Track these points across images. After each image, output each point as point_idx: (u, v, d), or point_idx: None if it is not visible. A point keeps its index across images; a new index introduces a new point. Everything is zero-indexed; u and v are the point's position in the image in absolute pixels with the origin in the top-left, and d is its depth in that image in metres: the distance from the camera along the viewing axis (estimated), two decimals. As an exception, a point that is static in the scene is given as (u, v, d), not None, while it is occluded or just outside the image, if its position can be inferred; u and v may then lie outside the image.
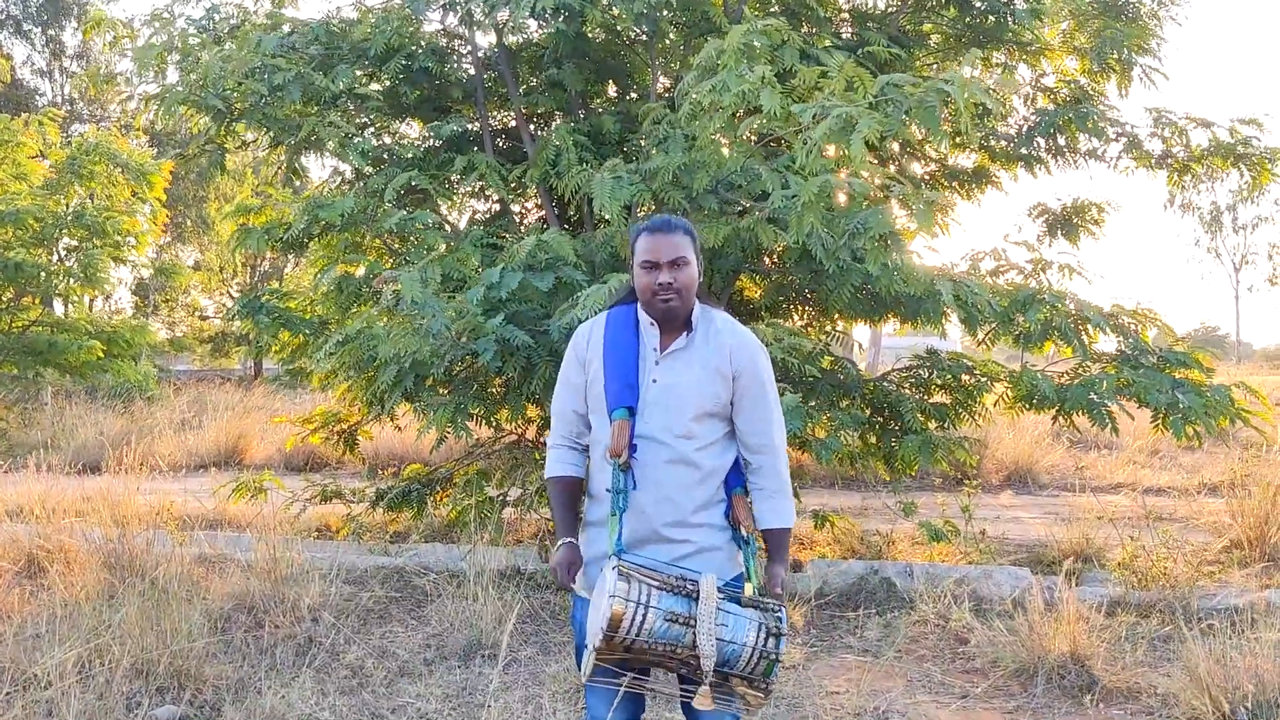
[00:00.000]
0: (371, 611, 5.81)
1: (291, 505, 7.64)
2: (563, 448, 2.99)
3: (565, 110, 7.31)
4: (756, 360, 2.90)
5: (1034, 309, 5.86)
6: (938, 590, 5.66)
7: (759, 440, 2.88)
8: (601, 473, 2.87)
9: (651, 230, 2.87)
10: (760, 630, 2.58)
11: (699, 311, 2.91)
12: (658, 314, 2.84)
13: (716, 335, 2.89)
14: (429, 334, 5.21)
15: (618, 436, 2.77)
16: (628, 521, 2.77)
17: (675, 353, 2.87)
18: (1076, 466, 12.13)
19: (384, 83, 7.27)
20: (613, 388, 2.83)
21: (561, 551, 2.81)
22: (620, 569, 2.57)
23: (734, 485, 2.89)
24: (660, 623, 2.52)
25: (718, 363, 2.85)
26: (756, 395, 2.88)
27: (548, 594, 6.12)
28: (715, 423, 2.86)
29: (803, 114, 4.72)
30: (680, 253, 2.83)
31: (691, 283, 2.85)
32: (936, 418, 6.55)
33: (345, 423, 7.91)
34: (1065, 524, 8.25)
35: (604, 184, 5.50)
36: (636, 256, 2.87)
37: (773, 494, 2.88)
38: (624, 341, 2.89)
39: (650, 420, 2.81)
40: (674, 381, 2.83)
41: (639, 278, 2.86)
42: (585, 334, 2.99)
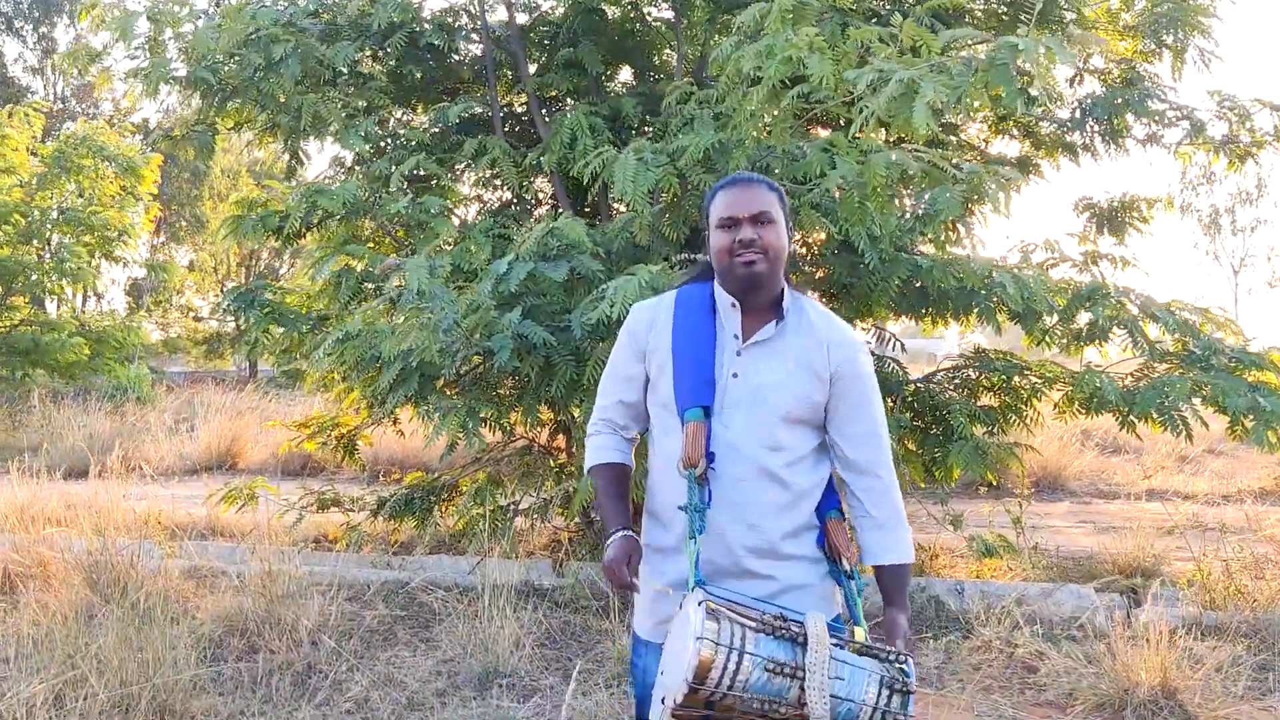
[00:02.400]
0: (375, 633, 5.32)
1: (287, 513, 7.15)
2: (606, 434, 2.52)
3: (580, 93, 6.82)
4: (859, 360, 2.40)
5: (1100, 304, 5.38)
6: (995, 611, 5.17)
7: (865, 457, 2.39)
8: (667, 487, 2.38)
9: (729, 185, 2.38)
10: (881, 685, 2.09)
11: (790, 297, 2.40)
12: (739, 284, 2.34)
13: (811, 326, 2.39)
14: (438, 329, 4.70)
15: (693, 442, 2.27)
16: (703, 549, 2.28)
17: (762, 343, 2.36)
18: (1102, 472, 11.69)
19: (387, 63, 6.78)
20: (685, 383, 2.33)
21: (617, 544, 2.30)
22: (708, 605, 2.08)
23: (827, 509, 2.40)
24: (758, 673, 2.02)
25: (813, 359, 2.36)
26: (860, 402, 2.39)
27: (567, 613, 5.62)
28: (807, 432, 2.37)
29: (858, 80, 4.21)
30: (764, 206, 2.33)
31: (781, 248, 2.35)
32: (984, 422, 6.06)
33: (344, 427, 7.41)
34: (1109, 534, 7.78)
35: (626, 166, 4.99)
36: (713, 218, 2.38)
37: (884, 523, 2.39)
38: (698, 327, 2.38)
39: (730, 424, 2.32)
40: (761, 378, 2.34)
41: (715, 240, 2.36)
42: (647, 317, 2.48)
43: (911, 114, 3.87)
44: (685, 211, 5.44)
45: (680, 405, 2.33)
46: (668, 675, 2.10)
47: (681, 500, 2.29)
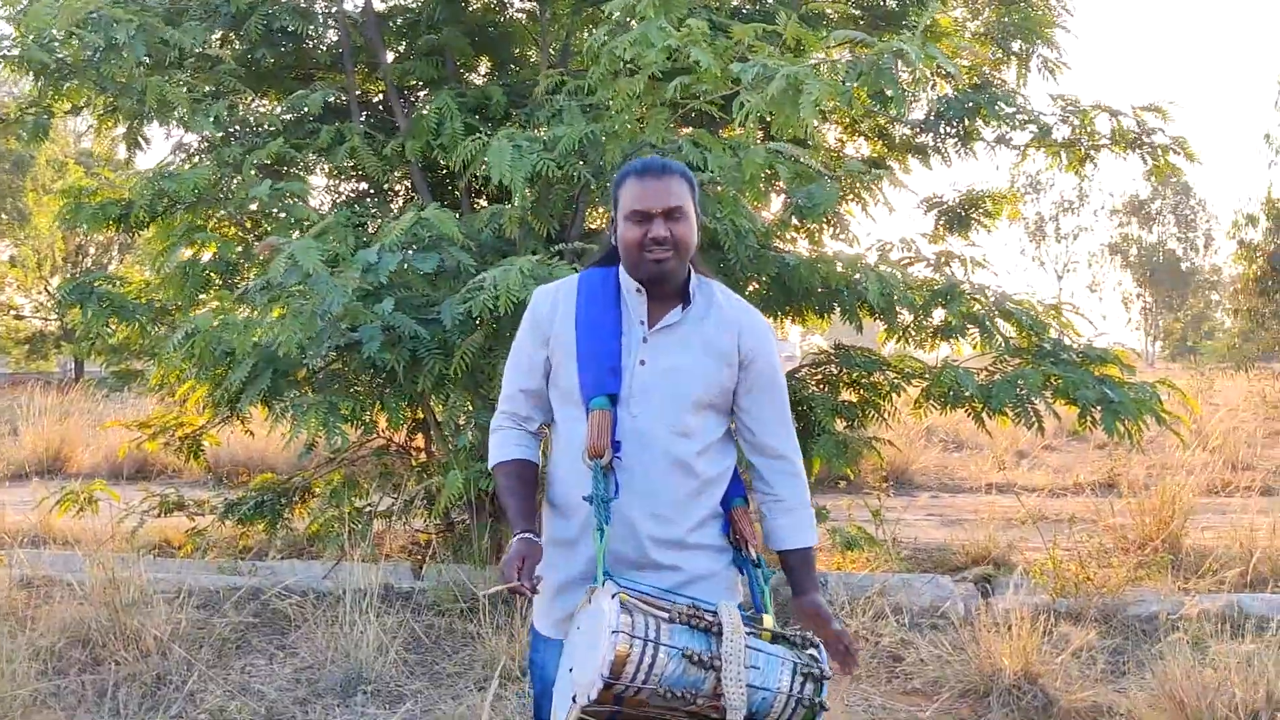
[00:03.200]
0: (228, 641, 5.06)
1: (127, 518, 6.76)
2: (510, 429, 2.42)
3: (441, 82, 6.65)
4: (769, 344, 2.38)
5: (957, 301, 5.52)
6: (859, 601, 5.25)
7: (774, 441, 2.38)
8: (568, 478, 2.31)
9: (642, 173, 2.30)
10: (795, 672, 2.07)
11: (696, 280, 2.35)
12: (647, 276, 2.28)
13: (719, 310, 2.36)
14: (316, 316, 4.48)
15: (598, 431, 2.20)
16: (610, 539, 2.20)
17: (668, 328, 2.31)
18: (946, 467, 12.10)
19: (237, 46, 6.49)
20: (589, 370, 2.27)
21: (514, 545, 2.20)
22: (621, 598, 2.01)
23: (733, 496, 2.37)
24: (674, 665, 1.96)
25: (721, 343, 2.32)
26: (768, 387, 2.37)
27: (431, 615, 5.47)
28: (715, 418, 2.34)
29: (743, 74, 4.21)
30: (678, 201, 2.27)
31: (691, 241, 2.30)
32: (845, 417, 6.16)
33: (188, 427, 7.05)
34: (958, 526, 8.03)
35: (502, 151, 4.86)
36: (621, 206, 2.30)
37: (792, 507, 2.38)
38: (602, 312, 2.32)
39: (638, 413, 2.26)
40: (668, 364, 2.29)
41: (624, 232, 2.28)
42: (549, 300, 2.40)
43: (797, 111, 3.90)
44: (554, 204, 5.36)
45: (585, 394, 2.26)
46: (579, 671, 2.03)
47: (585, 491, 2.21)
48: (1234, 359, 26.20)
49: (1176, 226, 60.49)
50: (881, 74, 4.00)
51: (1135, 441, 5.48)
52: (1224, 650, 4.12)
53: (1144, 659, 4.70)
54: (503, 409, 2.44)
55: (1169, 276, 59.79)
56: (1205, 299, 59.50)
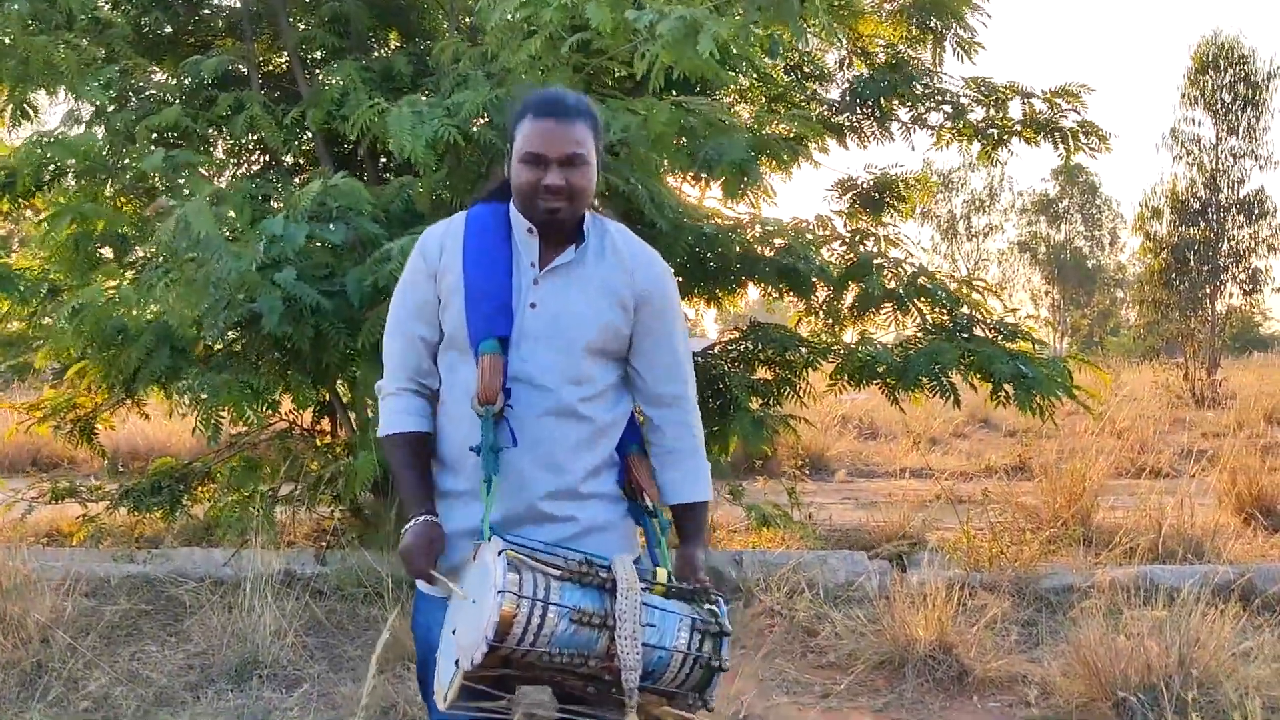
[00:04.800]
0: (118, 628, 4.82)
1: (14, 505, 6.44)
2: (405, 394, 2.22)
3: (344, 51, 6.43)
4: (665, 285, 2.24)
5: (875, 274, 5.48)
6: (773, 578, 5.18)
7: (668, 389, 2.23)
8: (457, 428, 2.15)
9: (542, 112, 2.13)
10: (693, 630, 1.95)
11: (590, 219, 2.21)
12: (540, 221, 2.14)
13: (614, 250, 2.21)
14: (209, 284, 4.25)
15: (489, 376, 2.06)
16: (498, 495, 2.06)
17: (560, 269, 2.16)
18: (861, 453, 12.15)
19: (129, 10, 6.20)
20: (478, 312, 2.11)
21: (418, 529, 2.06)
22: (508, 555, 1.87)
23: (628, 444, 2.24)
24: (564, 625, 1.83)
25: (616, 285, 2.17)
26: (664, 331, 2.22)
27: (333, 600, 5.28)
28: (609, 364, 2.20)
29: (638, 21, 4.07)
30: (578, 148, 2.11)
31: (588, 189, 2.15)
32: (761, 394, 6.09)
33: (81, 409, 6.73)
34: (873, 508, 8.03)
35: (402, 119, 4.65)
36: (517, 145, 2.14)
37: (685, 457, 2.25)
38: (492, 251, 2.16)
39: (529, 358, 2.11)
40: (560, 308, 2.14)
41: (519, 173, 2.12)
42: (437, 237, 2.23)
43: (697, 53, 3.78)
44: (469, 172, 5.19)
45: (473, 337, 2.11)
46: (462, 634, 1.89)
47: (474, 441, 2.07)
48: (1139, 351, 26.87)
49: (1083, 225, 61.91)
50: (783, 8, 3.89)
51: (1048, 416, 5.49)
52: (1136, 617, 4.12)
53: (1057, 628, 4.71)
54: (394, 366, 2.24)
55: (1076, 274, 61.15)
56: (1111, 296, 61.00)
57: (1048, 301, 64.62)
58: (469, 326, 2.11)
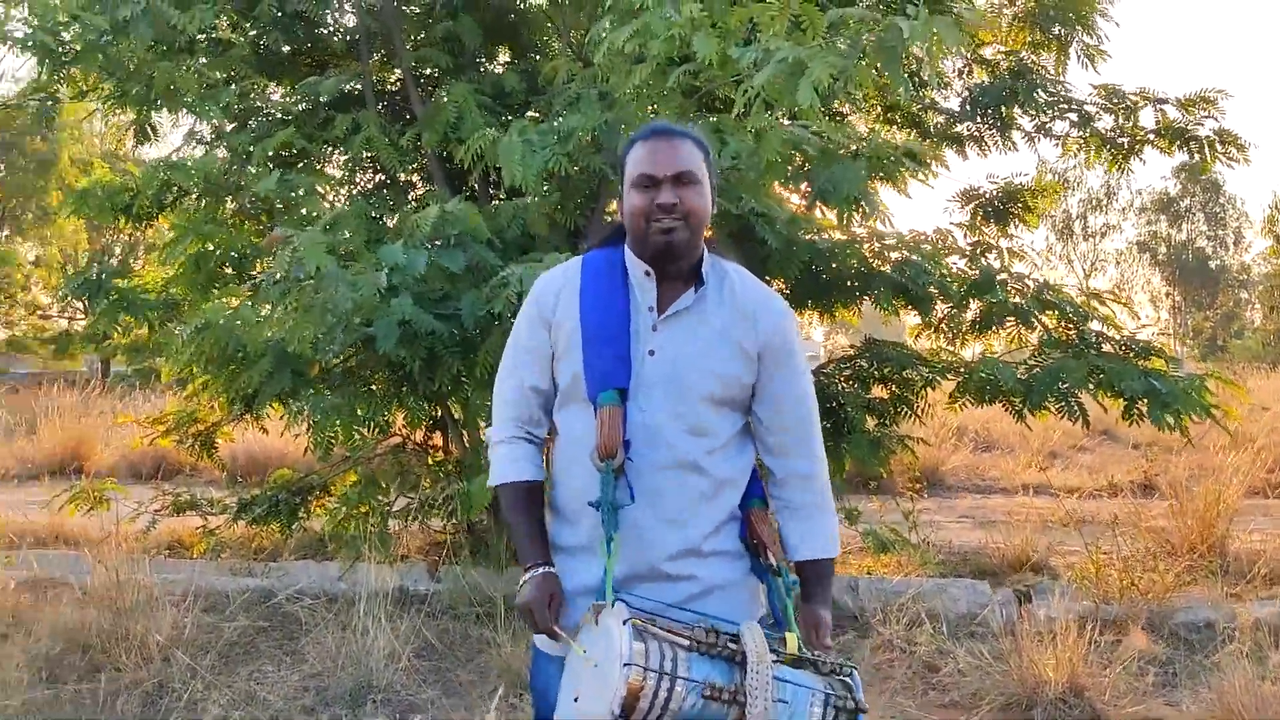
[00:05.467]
0: (236, 645, 4.88)
1: (138, 518, 6.60)
2: (516, 442, 2.16)
3: (458, 70, 6.45)
4: (788, 331, 2.13)
5: (996, 290, 5.28)
6: (892, 608, 5.01)
7: (793, 440, 2.13)
8: (574, 480, 2.08)
9: (649, 136, 2.08)
10: (826, 705, 1.83)
11: (710, 262, 2.12)
12: (655, 251, 2.05)
13: (733, 294, 2.11)
14: (326, 313, 4.27)
15: (608, 429, 1.97)
16: (617, 551, 1.97)
17: (680, 314, 2.07)
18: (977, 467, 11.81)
19: (248, 31, 6.30)
20: (596, 362, 2.03)
21: (536, 583, 1.99)
22: (634, 623, 1.79)
23: (750, 497, 2.13)
24: (693, 699, 1.74)
25: (739, 332, 2.07)
26: (788, 379, 2.12)
27: (446, 620, 5.27)
28: (731, 414, 2.09)
29: (742, 58, 3.99)
30: (688, 165, 2.04)
31: (703, 212, 2.05)
32: (876, 414, 5.92)
33: (202, 423, 6.88)
34: (992, 528, 7.78)
35: (512, 148, 4.65)
36: (628, 173, 2.07)
37: (812, 512, 2.14)
38: (609, 297, 2.08)
39: (647, 408, 2.03)
40: (679, 355, 2.05)
41: (631, 201, 2.06)
42: (553, 285, 2.16)
43: (796, 92, 3.67)
44: (578, 195, 5.16)
45: (591, 388, 2.03)
46: (585, 702, 1.80)
47: (592, 494, 1.99)
48: (1267, 356, 25.75)
49: (1206, 224, 59.72)
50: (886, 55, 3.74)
51: (1184, 434, 5.22)
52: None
53: (1196, 670, 4.46)
54: (505, 415, 2.19)
55: (1198, 275, 59.04)
56: (1235, 297, 58.73)
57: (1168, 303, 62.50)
58: (587, 378, 2.04)
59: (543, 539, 2.09)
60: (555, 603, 1.99)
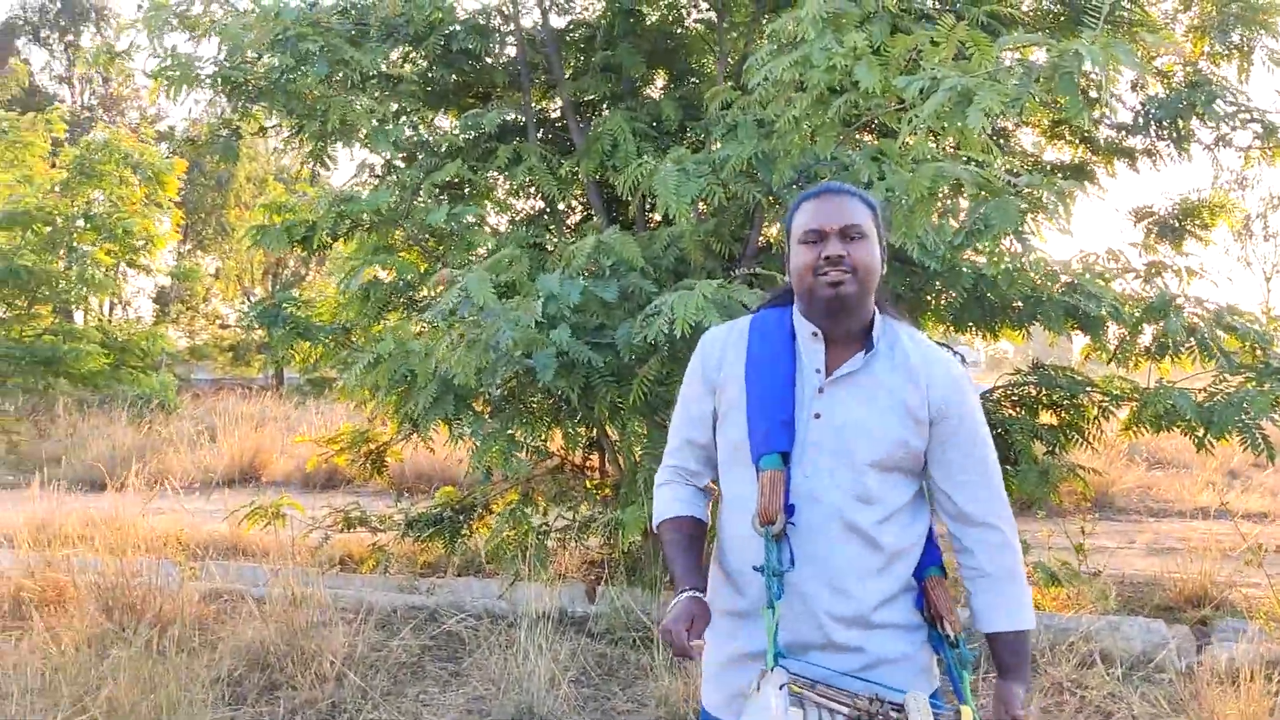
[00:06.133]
0: (403, 665, 5.04)
1: (312, 533, 6.90)
2: (677, 484, 2.19)
3: (616, 98, 6.54)
4: (964, 395, 2.07)
5: (1175, 315, 5.05)
6: (1062, 647, 4.84)
7: (978, 507, 2.06)
8: (738, 542, 2.07)
9: (816, 194, 2.07)
10: None
11: (881, 323, 2.08)
12: (824, 307, 2.02)
13: (905, 357, 2.06)
14: (489, 348, 4.41)
15: (769, 495, 1.96)
16: (784, 618, 1.97)
17: (848, 377, 2.04)
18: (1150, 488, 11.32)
19: (417, 64, 6.53)
20: (760, 425, 2.02)
21: (681, 605, 1.96)
22: (791, 688, 1.78)
23: (927, 565, 2.07)
24: None
25: (909, 396, 2.03)
26: (967, 443, 2.05)
27: (603, 644, 5.33)
28: (902, 481, 2.04)
29: (908, 88, 3.91)
30: (856, 219, 2.02)
31: (873, 267, 2.02)
32: (1044, 440, 5.73)
33: (373, 443, 7.15)
34: (1165, 556, 7.45)
35: (668, 177, 4.69)
36: (795, 232, 2.06)
37: (1003, 581, 2.06)
38: (775, 358, 2.07)
39: (811, 473, 2.00)
40: (846, 419, 2.01)
41: (798, 258, 2.04)
42: (719, 344, 2.17)
43: (965, 121, 3.58)
44: (732, 223, 5.16)
45: (755, 451, 2.02)
46: None
47: (757, 558, 1.98)
48: None
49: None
50: (1063, 82, 3.61)
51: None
52: None
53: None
54: (668, 462, 2.23)
55: (1395, 277, 55.30)
56: None
57: (1361, 308, 58.73)
58: (751, 441, 2.03)
59: (696, 567, 2.09)
60: (697, 625, 1.95)
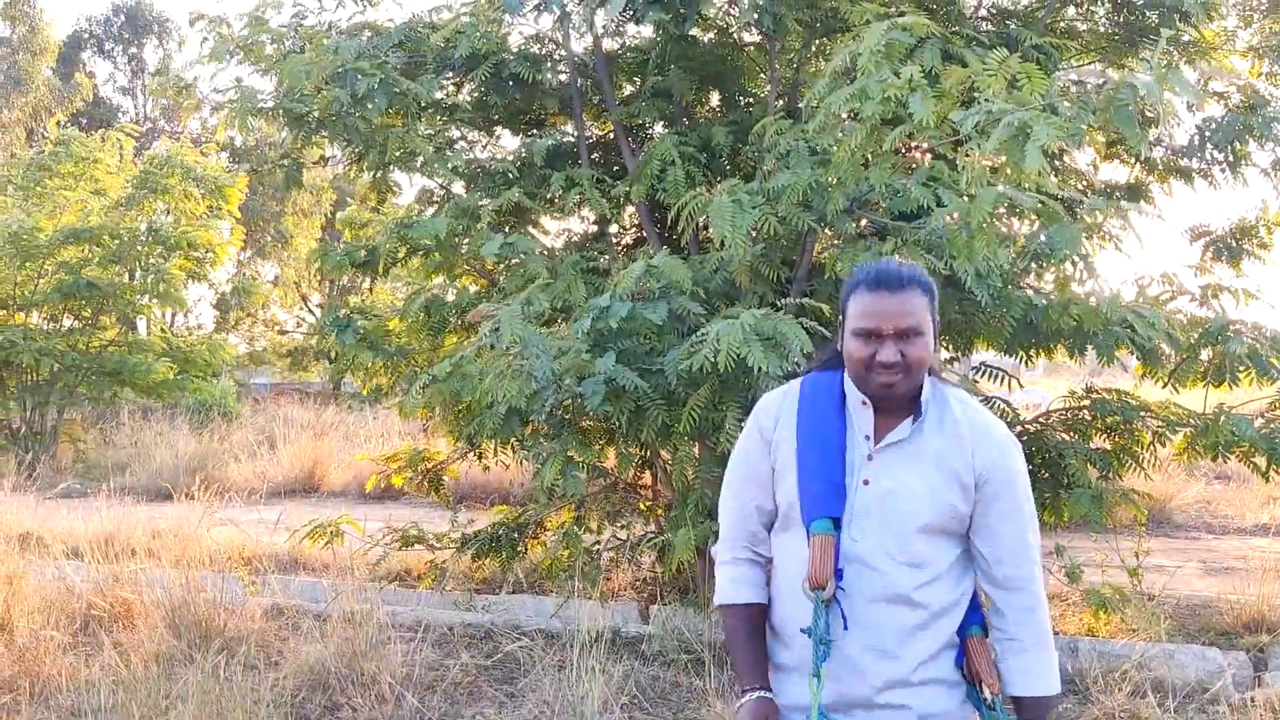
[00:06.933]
0: (459, 686, 5.14)
1: (371, 550, 7.04)
2: (740, 563, 2.23)
3: (668, 121, 6.62)
4: (1009, 461, 2.11)
5: (1232, 341, 5.03)
6: (1113, 675, 4.83)
7: (1011, 572, 2.11)
8: (789, 605, 2.14)
9: (874, 284, 2.09)
10: None
11: (929, 388, 2.13)
12: (875, 395, 2.08)
13: (954, 424, 2.12)
14: (530, 377, 4.51)
15: (820, 559, 2.02)
16: (829, 676, 2.03)
17: (896, 445, 2.10)
18: (1209, 503, 11.17)
19: (472, 93, 6.65)
20: (811, 489, 2.08)
21: (751, 708, 2.07)
22: None
23: (969, 624, 2.13)
24: None
25: (955, 462, 2.08)
26: (1008, 510, 2.10)
27: (656, 667, 5.40)
28: (949, 543, 2.10)
29: (964, 122, 3.95)
30: (912, 320, 2.05)
31: (925, 360, 2.08)
32: (1097, 465, 5.72)
33: (431, 461, 7.28)
34: (1223, 575, 7.39)
35: (723, 208, 4.75)
36: (851, 317, 2.10)
37: (1029, 647, 2.11)
38: (825, 424, 2.13)
39: (860, 538, 2.06)
40: (895, 485, 2.07)
41: (852, 346, 2.09)
42: (774, 406, 2.22)
43: (1023, 156, 3.61)
44: (784, 250, 5.22)
45: (806, 515, 2.09)
46: None
47: (804, 620, 2.05)
48: None
49: None
50: (1118, 112, 3.63)
51: None
52: None
53: None
54: (730, 534, 2.26)
55: None
56: None
57: None
58: (802, 504, 2.09)
59: (761, 661, 2.15)
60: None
